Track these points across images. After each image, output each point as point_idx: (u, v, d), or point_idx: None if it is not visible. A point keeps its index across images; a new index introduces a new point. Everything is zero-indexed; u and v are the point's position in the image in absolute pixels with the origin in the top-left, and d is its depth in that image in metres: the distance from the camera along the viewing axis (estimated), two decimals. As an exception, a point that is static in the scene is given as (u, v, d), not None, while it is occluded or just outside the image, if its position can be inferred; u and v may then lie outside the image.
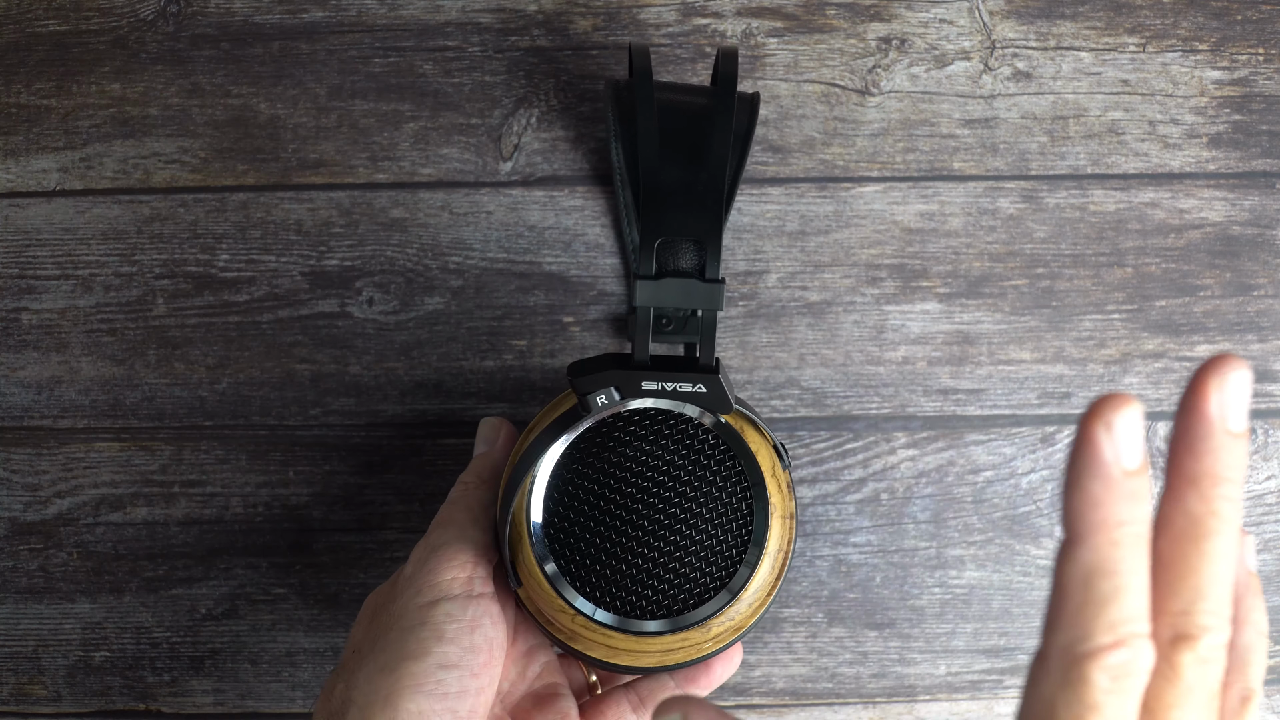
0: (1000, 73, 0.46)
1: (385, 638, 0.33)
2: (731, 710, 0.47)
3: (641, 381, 0.33)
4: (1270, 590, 0.47)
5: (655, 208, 0.33)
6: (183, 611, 0.46)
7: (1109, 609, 0.21)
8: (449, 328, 0.46)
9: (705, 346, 0.33)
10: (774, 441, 0.35)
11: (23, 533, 0.46)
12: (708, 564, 0.35)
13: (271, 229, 0.45)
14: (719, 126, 0.35)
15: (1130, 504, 0.22)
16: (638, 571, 0.35)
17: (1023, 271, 0.46)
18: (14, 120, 0.45)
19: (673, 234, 0.33)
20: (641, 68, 0.36)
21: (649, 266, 0.33)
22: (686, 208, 0.33)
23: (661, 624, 0.35)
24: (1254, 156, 0.46)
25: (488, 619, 0.33)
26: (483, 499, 0.37)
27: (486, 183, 0.45)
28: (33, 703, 0.47)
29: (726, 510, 0.35)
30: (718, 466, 0.35)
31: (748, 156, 0.42)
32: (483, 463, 0.39)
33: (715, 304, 0.33)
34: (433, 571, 0.34)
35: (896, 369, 0.46)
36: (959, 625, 0.47)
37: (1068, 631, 0.21)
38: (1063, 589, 0.22)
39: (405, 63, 0.45)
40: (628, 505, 0.35)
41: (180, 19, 0.45)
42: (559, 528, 0.35)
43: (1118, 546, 0.21)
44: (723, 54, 0.38)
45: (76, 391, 0.46)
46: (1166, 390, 0.46)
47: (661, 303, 0.33)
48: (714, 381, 0.33)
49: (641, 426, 0.35)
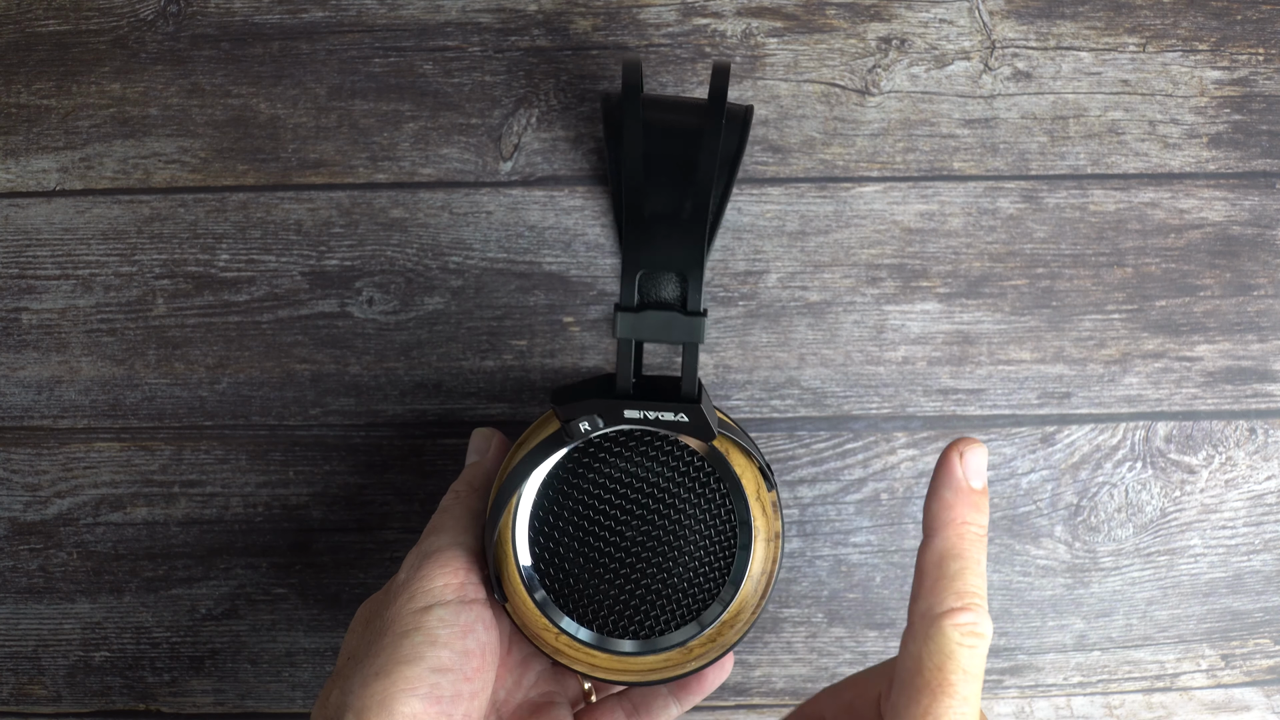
0: (1000, 73, 0.46)
1: (379, 643, 0.33)
2: (731, 710, 0.47)
3: (624, 410, 0.33)
4: (1270, 590, 0.47)
5: (637, 239, 0.33)
6: (183, 611, 0.46)
7: (957, 582, 0.28)
8: (449, 328, 0.46)
9: (687, 377, 0.33)
10: (760, 463, 0.35)
11: (23, 533, 0.46)
12: (690, 585, 0.35)
13: (271, 229, 0.45)
14: (706, 151, 0.34)
15: (973, 511, 0.30)
16: (619, 592, 0.35)
17: (1023, 271, 0.46)
18: (14, 120, 0.46)
19: (655, 267, 0.33)
20: (630, 84, 0.36)
21: (630, 298, 0.33)
22: (669, 239, 0.33)
23: (639, 645, 0.35)
24: (1254, 156, 0.46)
25: (480, 624, 0.34)
26: (474, 507, 0.38)
27: (486, 183, 0.45)
28: (33, 703, 0.47)
29: (710, 532, 0.35)
30: (703, 488, 0.35)
31: (737, 175, 0.42)
32: (475, 471, 0.39)
33: (696, 337, 0.33)
34: (426, 578, 0.34)
35: (896, 369, 0.46)
36: (959, 625, 0.47)
37: (926, 600, 0.29)
38: (922, 571, 0.29)
39: (405, 63, 0.45)
40: (611, 526, 0.35)
41: (180, 19, 0.45)
42: (543, 546, 0.35)
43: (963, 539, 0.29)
44: (715, 70, 0.37)
45: (76, 391, 0.46)
46: (1166, 390, 0.46)
47: (642, 335, 0.33)
48: (696, 411, 0.33)
49: (627, 447, 0.35)
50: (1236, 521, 0.47)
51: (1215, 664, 0.47)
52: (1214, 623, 0.47)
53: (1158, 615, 0.47)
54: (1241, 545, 0.47)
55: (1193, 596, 0.47)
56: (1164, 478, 0.47)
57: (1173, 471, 0.47)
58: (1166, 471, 0.47)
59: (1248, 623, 0.47)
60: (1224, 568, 0.47)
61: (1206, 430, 0.47)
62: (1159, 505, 0.47)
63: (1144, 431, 0.46)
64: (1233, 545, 0.47)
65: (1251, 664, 0.47)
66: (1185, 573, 0.47)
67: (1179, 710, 0.48)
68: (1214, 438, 0.47)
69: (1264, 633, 0.47)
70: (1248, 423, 0.47)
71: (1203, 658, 0.47)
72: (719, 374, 0.46)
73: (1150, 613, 0.47)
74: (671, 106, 0.39)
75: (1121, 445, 0.46)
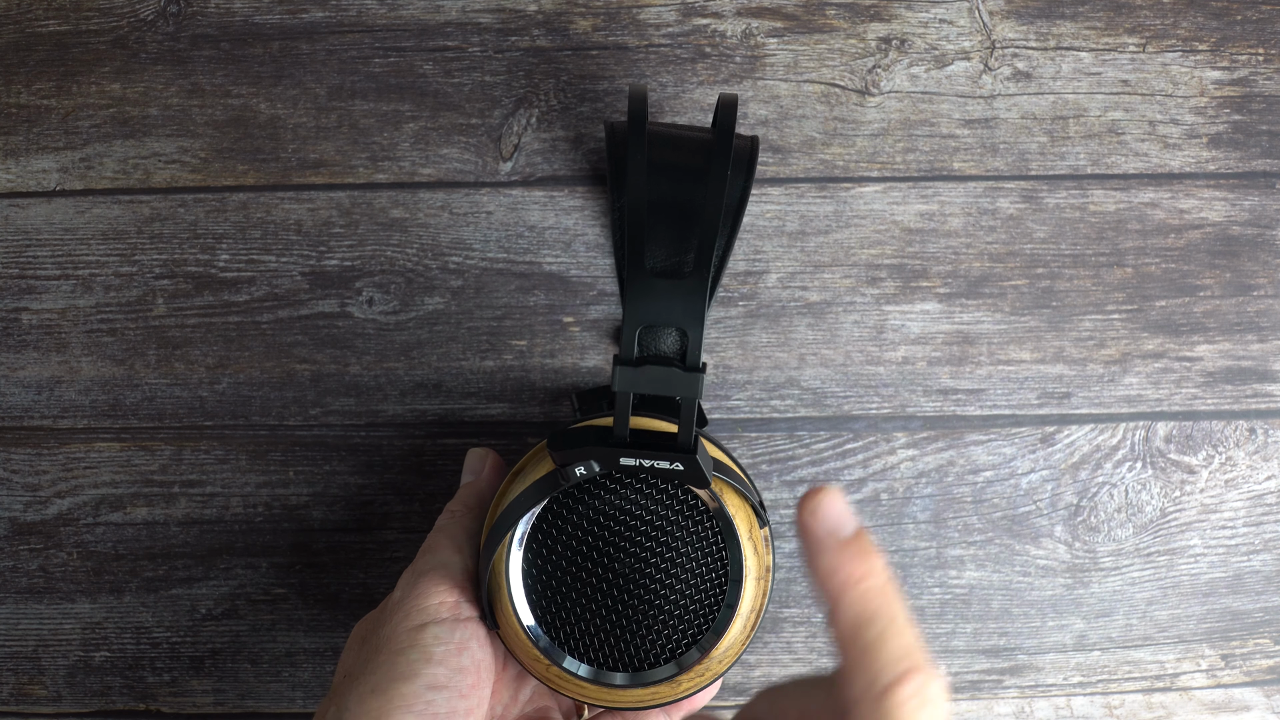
0: (1000, 73, 0.46)
1: (374, 661, 0.34)
2: (731, 710, 0.47)
3: (620, 458, 0.33)
4: (1271, 590, 0.47)
5: (638, 295, 0.33)
6: (183, 611, 0.46)
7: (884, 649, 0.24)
8: (449, 328, 0.46)
9: (684, 428, 0.33)
10: (752, 502, 0.36)
11: (23, 533, 0.46)
12: (682, 619, 0.36)
13: (271, 229, 0.45)
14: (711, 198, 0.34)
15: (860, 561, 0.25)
16: (611, 626, 0.36)
17: (1023, 271, 0.46)
18: (14, 120, 0.45)
19: (655, 322, 0.33)
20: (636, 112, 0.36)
21: (630, 352, 0.33)
22: (671, 296, 0.33)
23: (629, 678, 0.36)
24: (1254, 156, 0.46)
25: (475, 642, 0.34)
26: (469, 527, 0.38)
27: (486, 183, 0.45)
28: (33, 703, 0.47)
29: (702, 569, 0.36)
30: (695, 525, 0.35)
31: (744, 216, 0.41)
32: (469, 491, 0.40)
33: (694, 393, 0.33)
34: (420, 596, 0.35)
35: (896, 369, 0.46)
36: (959, 625, 0.47)
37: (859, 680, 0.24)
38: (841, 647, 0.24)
39: (405, 63, 0.45)
40: (604, 561, 0.35)
41: (180, 19, 0.45)
42: (536, 578, 0.36)
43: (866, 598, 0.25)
44: (722, 104, 0.37)
45: (76, 391, 0.46)
46: (1166, 390, 0.46)
47: (640, 389, 0.33)
48: (692, 461, 0.33)
49: (621, 483, 0.35)
50: (1236, 521, 0.47)
51: (1215, 664, 0.47)
52: (1214, 623, 0.47)
53: (1158, 615, 0.47)
54: (1241, 545, 0.47)
55: (1193, 596, 0.47)
56: (1164, 478, 0.47)
57: (1173, 471, 0.47)
58: (1166, 471, 0.47)
59: (1248, 623, 0.47)
60: (1224, 568, 0.47)
61: (1206, 430, 0.47)
62: (1159, 505, 0.47)
63: (1144, 431, 0.46)
64: (1233, 545, 0.47)
65: (1251, 664, 0.48)
66: (1185, 573, 0.47)
67: (1179, 710, 0.48)
68: (1214, 438, 0.47)
69: (1264, 633, 0.47)
70: (1248, 423, 0.47)
71: (1203, 658, 0.47)
72: (719, 374, 0.46)
73: (1150, 613, 0.47)
74: (676, 143, 0.39)
75: (1121, 445, 0.46)
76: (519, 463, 0.38)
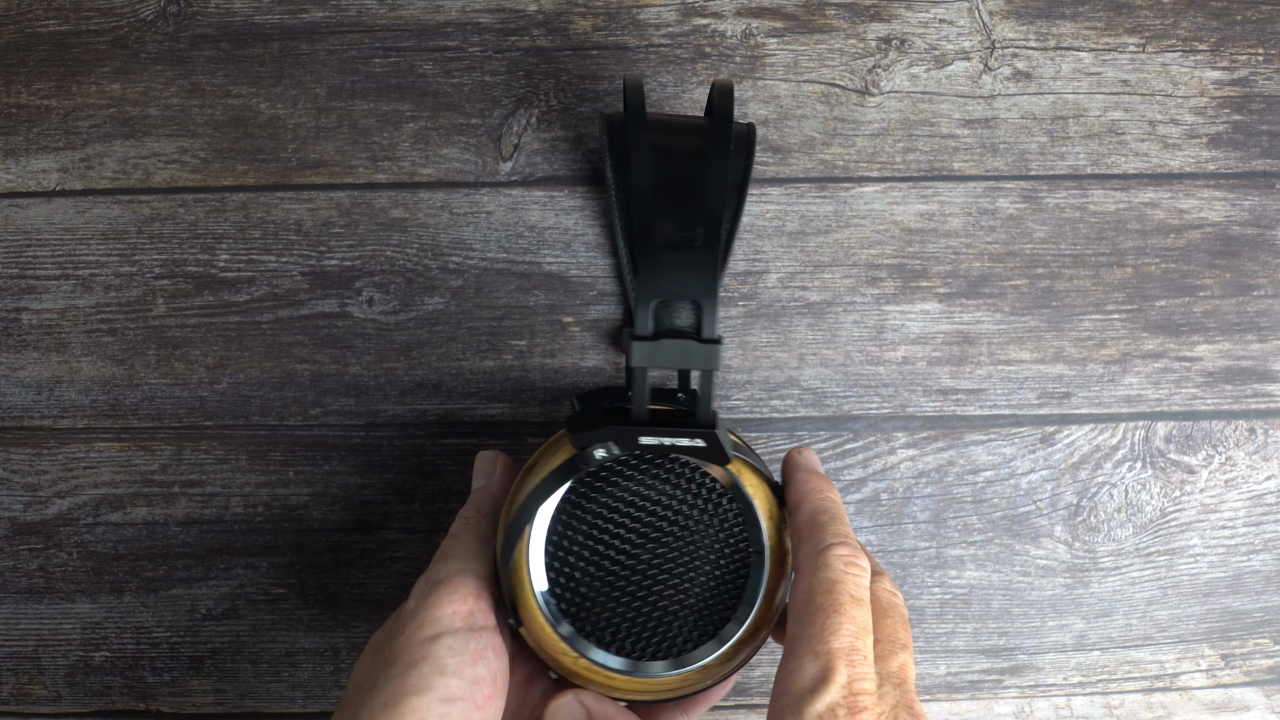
0: (1000, 73, 0.46)
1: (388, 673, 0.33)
2: (731, 710, 0.47)
3: (639, 437, 0.33)
4: (1270, 590, 0.47)
5: (651, 270, 0.33)
6: (183, 611, 0.46)
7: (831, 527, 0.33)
8: (449, 328, 0.46)
9: (704, 403, 0.33)
10: (770, 482, 0.36)
11: (23, 533, 0.46)
12: (707, 604, 0.35)
13: (271, 229, 0.45)
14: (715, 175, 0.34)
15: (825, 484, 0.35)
16: (636, 614, 0.35)
17: (1023, 271, 0.46)
18: (14, 120, 0.45)
19: (669, 296, 0.33)
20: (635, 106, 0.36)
21: (645, 327, 0.33)
22: (683, 269, 0.33)
23: (665, 666, 0.35)
24: (1254, 156, 0.46)
25: (491, 651, 0.34)
26: (483, 533, 0.37)
27: (486, 183, 0.45)
28: (33, 703, 0.47)
29: (725, 550, 0.35)
30: (716, 508, 0.35)
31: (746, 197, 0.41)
32: (481, 496, 0.39)
33: (713, 364, 0.33)
34: (434, 606, 0.34)
35: (896, 369, 0.46)
36: (959, 625, 0.47)
37: (808, 544, 0.33)
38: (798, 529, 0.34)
39: (405, 63, 0.45)
40: (626, 549, 0.35)
41: (180, 19, 0.45)
42: (559, 571, 0.35)
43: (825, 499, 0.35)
44: (719, 90, 0.37)
45: (76, 391, 0.46)
46: (1166, 390, 0.46)
47: (658, 364, 0.33)
48: (712, 436, 0.33)
49: (639, 469, 0.35)
50: (1236, 521, 0.47)
51: (1215, 664, 0.47)
52: (1214, 623, 0.47)
53: (1157, 615, 0.47)
54: (1241, 545, 0.47)
55: (1192, 596, 0.47)
56: (1164, 478, 0.47)
57: (1172, 471, 0.47)
58: (1166, 471, 0.47)
59: (1247, 623, 0.47)
60: (1224, 568, 0.47)
61: (1206, 430, 0.47)
62: (1159, 505, 0.47)
63: (1144, 431, 0.46)
64: (1232, 545, 0.47)
65: (1251, 664, 0.48)
66: (1185, 573, 0.47)
67: (1179, 710, 0.48)
68: (1214, 438, 0.47)
69: (1264, 633, 0.47)
70: (1247, 423, 0.47)
71: (1202, 658, 0.47)
72: (719, 374, 0.46)
73: (1150, 613, 0.47)
74: (675, 128, 0.39)
75: (1121, 445, 0.46)
76: (530, 459, 0.37)
